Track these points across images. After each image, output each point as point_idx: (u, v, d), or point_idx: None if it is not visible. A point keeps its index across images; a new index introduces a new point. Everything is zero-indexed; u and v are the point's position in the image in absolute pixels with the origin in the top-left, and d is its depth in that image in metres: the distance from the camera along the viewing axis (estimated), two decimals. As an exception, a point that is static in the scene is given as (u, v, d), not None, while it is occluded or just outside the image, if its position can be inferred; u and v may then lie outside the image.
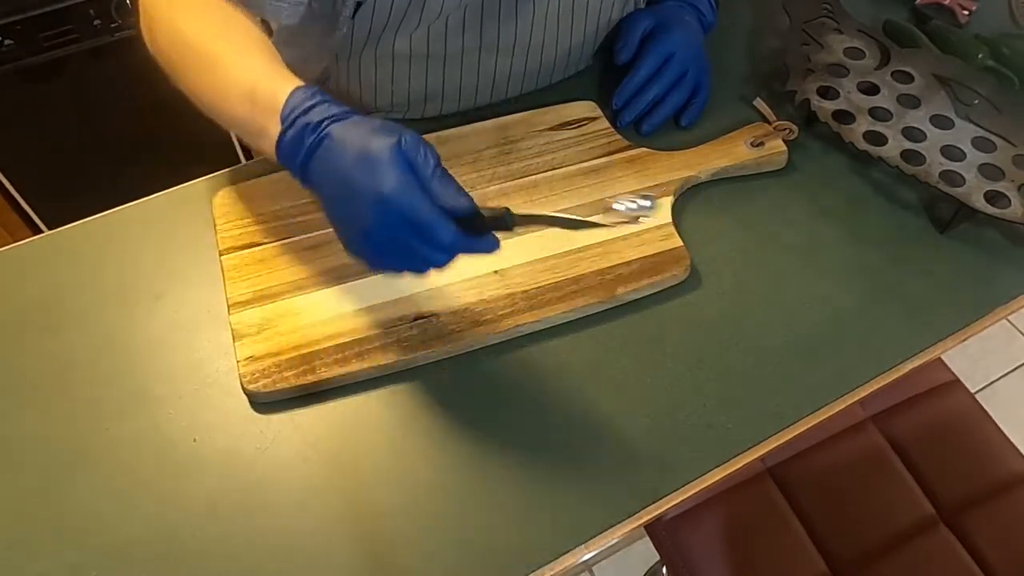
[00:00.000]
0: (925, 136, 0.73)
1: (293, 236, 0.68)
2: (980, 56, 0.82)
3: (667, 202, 0.70)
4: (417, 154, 0.49)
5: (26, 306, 0.65)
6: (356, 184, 0.48)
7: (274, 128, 0.52)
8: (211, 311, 0.65)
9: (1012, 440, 0.96)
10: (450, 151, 0.74)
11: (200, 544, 0.53)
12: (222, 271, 0.65)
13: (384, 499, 0.55)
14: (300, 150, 0.51)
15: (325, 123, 0.50)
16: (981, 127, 0.73)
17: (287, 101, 0.51)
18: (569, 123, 0.76)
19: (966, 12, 0.88)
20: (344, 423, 0.59)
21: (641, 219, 0.57)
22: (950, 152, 0.71)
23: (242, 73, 0.55)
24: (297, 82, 0.53)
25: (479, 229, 0.51)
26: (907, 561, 0.87)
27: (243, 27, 0.59)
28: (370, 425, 0.59)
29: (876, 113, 0.75)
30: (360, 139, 0.49)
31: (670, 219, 0.68)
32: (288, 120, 0.51)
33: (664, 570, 1.14)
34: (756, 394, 0.60)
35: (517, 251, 0.66)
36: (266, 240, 0.67)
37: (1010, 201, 0.67)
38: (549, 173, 0.72)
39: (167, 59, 0.59)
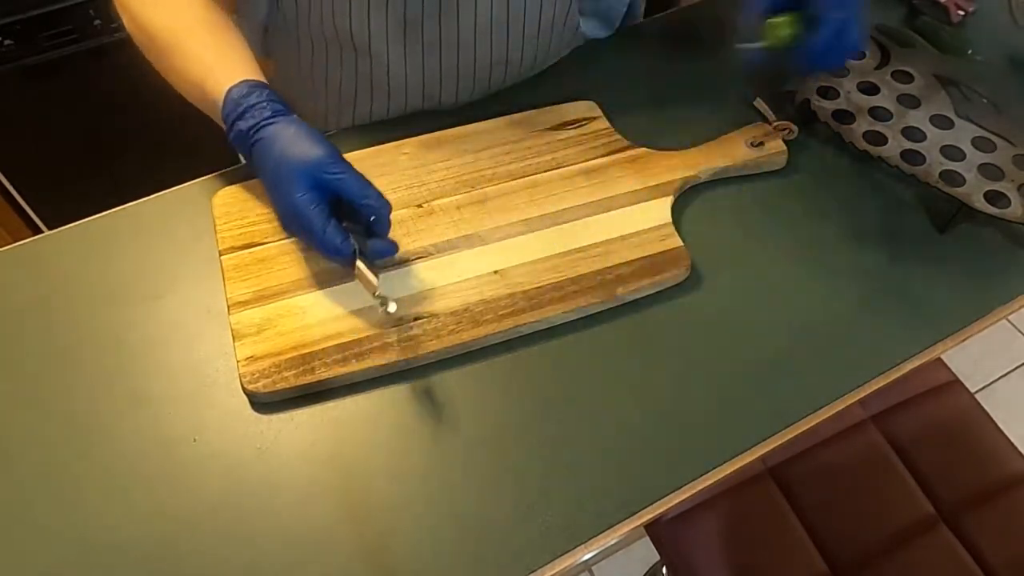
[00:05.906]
0: (925, 136, 0.73)
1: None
2: (970, 52, 0.82)
3: (667, 202, 0.70)
4: (323, 171, 0.57)
5: (26, 306, 0.65)
6: (274, 189, 0.59)
7: (222, 123, 0.62)
8: (211, 311, 0.65)
9: (1012, 440, 0.96)
10: (450, 151, 0.74)
11: (200, 544, 0.53)
12: (222, 271, 0.65)
13: (383, 499, 0.55)
14: (243, 147, 0.61)
15: (253, 130, 0.59)
16: (981, 127, 0.73)
17: (224, 104, 0.60)
18: (569, 123, 0.76)
19: (961, 12, 0.88)
20: (344, 423, 0.59)
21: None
22: (950, 152, 0.71)
23: (193, 65, 0.63)
24: (238, 76, 0.61)
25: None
26: (907, 561, 0.87)
27: (198, 10, 0.65)
28: (370, 425, 0.59)
29: (876, 113, 0.75)
30: (281, 148, 0.58)
31: (670, 219, 0.68)
32: (227, 123, 0.61)
33: (664, 570, 1.14)
34: (756, 394, 0.60)
35: (518, 251, 0.66)
36: (266, 240, 0.67)
37: (1010, 201, 0.67)
38: (549, 173, 0.72)
39: (137, 42, 0.67)
